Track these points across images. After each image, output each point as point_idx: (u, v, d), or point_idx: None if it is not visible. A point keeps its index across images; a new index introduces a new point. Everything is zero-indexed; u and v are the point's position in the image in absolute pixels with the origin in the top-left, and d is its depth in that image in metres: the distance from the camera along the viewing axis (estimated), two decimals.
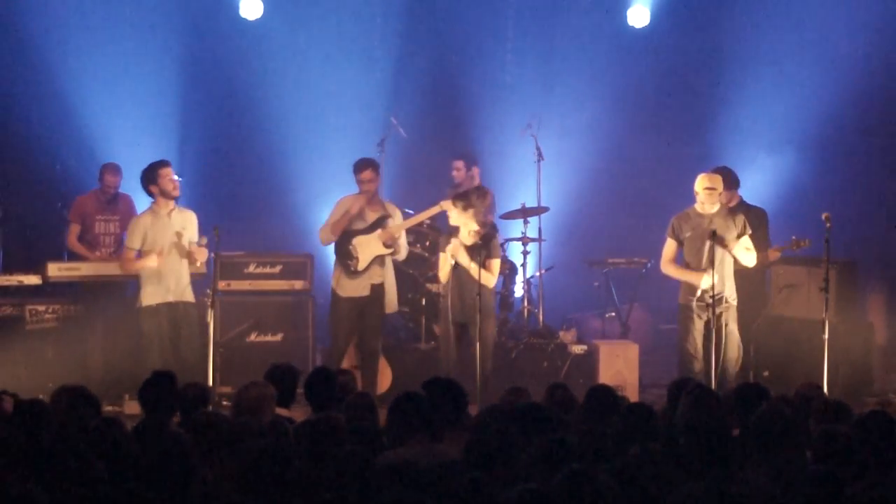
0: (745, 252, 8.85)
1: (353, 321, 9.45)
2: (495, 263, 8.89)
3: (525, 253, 11.10)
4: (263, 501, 4.69)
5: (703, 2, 12.70)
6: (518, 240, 11.15)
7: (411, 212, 10.03)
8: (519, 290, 11.14)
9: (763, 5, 12.51)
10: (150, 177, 8.92)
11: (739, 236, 8.82)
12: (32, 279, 9.57)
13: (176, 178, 8.97)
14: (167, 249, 8.89)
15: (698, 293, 8.72)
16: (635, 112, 12.69)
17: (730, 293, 8.82)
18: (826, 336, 8.44)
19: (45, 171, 11.78)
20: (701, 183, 8.84)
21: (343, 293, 9.43)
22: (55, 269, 9.56)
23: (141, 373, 6.96)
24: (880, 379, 10.17)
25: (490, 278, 8.79)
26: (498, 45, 12.78)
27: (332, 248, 9.56)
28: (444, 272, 8.90)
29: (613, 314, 11.38)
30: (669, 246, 8.98)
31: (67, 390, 6.14)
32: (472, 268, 8.62)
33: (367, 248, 9.42)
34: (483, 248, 8.72)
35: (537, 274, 11.17)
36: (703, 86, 12.70)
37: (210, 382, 8.18)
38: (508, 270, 10.93)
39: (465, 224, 8.86)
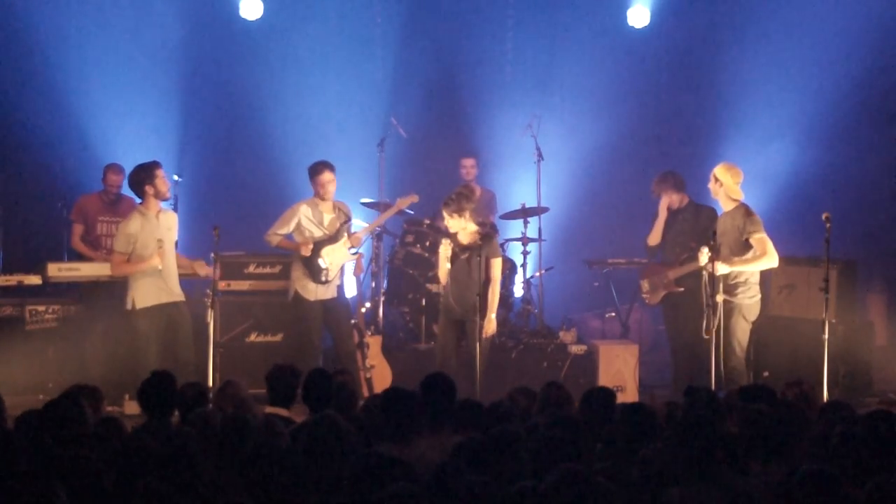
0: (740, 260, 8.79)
1: (321, 321, 9.53)
2: (496, 263, 8.89)
3: (525, 253, 11.09)
4: (264, 500, 4.69)
5: (703, 2, 12.69)
6: (518, 240, 11.14)
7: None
8: (519, 290, 11.13)
9: (763, 5, 12.50)
10: (146, 177, 8.85)
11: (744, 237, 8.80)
12: (32, 279, 9.58)
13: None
14: (157, 249, 8.87)
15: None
16: (635, 112, 12.68)
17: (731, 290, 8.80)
18: (826, 336, 8.43)
19: (45, 171, 11.79)
20: None
21: (310, 297, 9.47)
22: (55, 270, 9.55)
23: (140, 373, 6.97)
24: (880, 379, 10.17)
25: (493, 278, 8.82)
26: (498, 45, 12.78)
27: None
28: (442, 273, 8.98)
29: (613, 314, 11.37)
30: None
31: (83, 389, 6.18)
32: (474, 267, 8.63)
33: (335, 257, 9.49)
34: (484, 248, 8.72)
35: (537, 274, 11.16)
36: (703, 85, 12.68)
37: (210, 382, 8.17)
38: (508, 270, 10.92)
39: (463, 227, 8.85)
